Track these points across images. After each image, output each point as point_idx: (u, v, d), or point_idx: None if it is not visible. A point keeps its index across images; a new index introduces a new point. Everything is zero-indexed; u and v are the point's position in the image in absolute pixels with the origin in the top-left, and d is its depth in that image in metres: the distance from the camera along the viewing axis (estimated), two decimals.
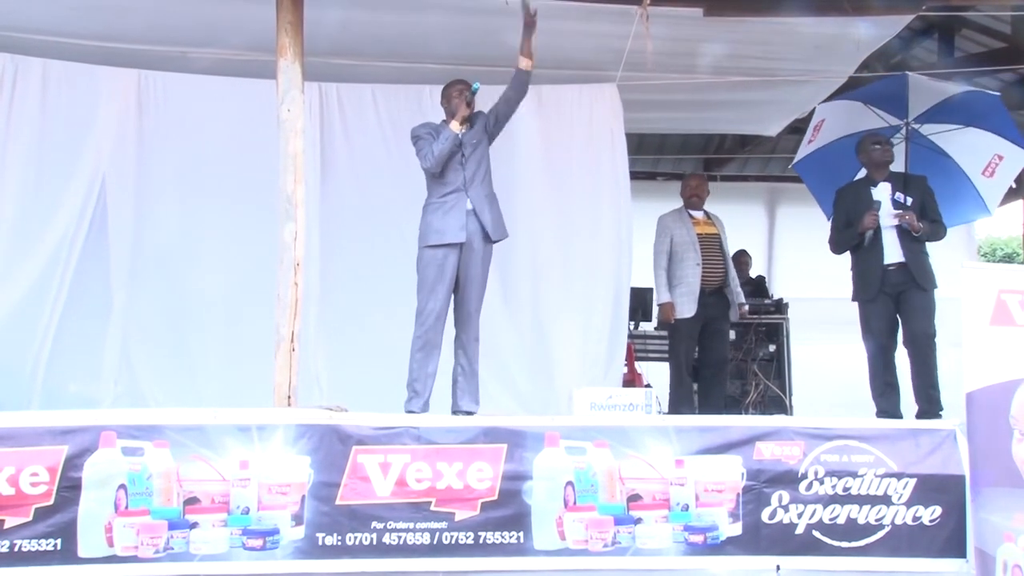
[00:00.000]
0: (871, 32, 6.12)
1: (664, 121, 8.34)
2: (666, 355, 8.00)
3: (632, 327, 7.97)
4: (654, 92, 6.74)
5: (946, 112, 6.50)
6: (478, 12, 5.70)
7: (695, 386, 7.67)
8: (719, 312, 6.70)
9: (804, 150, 6.96)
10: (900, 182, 6.06)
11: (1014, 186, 6.97)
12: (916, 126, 6.49)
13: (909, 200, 5.99)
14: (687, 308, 6.54)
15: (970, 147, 6.58)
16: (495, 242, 5.46)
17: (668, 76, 6.53)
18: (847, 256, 6.32)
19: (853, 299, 6.14)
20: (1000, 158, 6.58)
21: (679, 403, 6.58)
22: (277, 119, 5.05)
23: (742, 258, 9.46)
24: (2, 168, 6.13)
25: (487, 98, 5.52)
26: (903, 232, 5.95)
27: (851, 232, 6.04)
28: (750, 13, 5.81)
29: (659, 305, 6.69)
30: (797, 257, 9.83)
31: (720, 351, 6.79)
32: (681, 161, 11.11)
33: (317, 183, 6.33)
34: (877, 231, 5.94)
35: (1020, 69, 7.18)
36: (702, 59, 6.39)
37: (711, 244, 6.71)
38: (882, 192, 6.01)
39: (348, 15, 5.79)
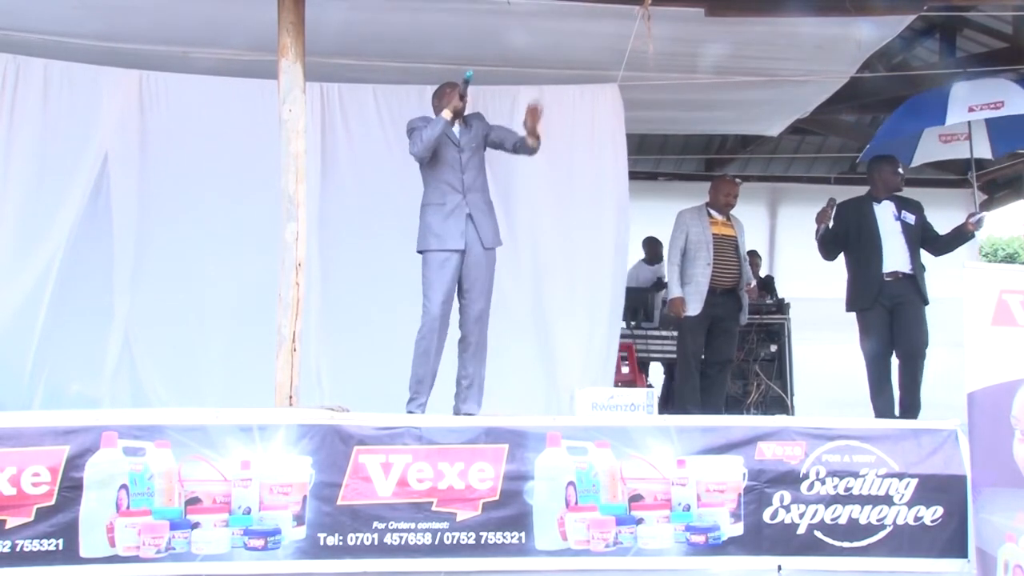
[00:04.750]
0: (873, 32, 6.12)
1: (666, 121, 8.34)
2: (667, 355, 8.04)
3: (633, 326, 7.98)
4: (656, 92, 6.74)
5: None
6: (480, 12, 5.70)
7: None
8: (727, 312, 6.70)
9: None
10: (900, 202, 6.30)
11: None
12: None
13: (912, 218, 6.25)
14: (693, 306, 6.56)
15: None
16: (492, 250, 5.46)
17: (670, 76, 6.53)
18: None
19: (849, 309, 6.35)
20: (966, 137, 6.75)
21: (685, 399, 6.59)
22: (279, 119, 5.05)
23: (752, 259, 9.47)
24: (5, 169, 6.14)
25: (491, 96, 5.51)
26: (911, 244, 6.17)
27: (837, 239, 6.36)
28: (752, 13, 5.80)
29: (669, 300, 6.69)
30: (799, 257, 9.80)
31: (726, 351, 6.79)
32: (683, 161, 11.11)
33: (318, 183, 6.33)
34: (877, 241, 6.15)
35: (1021, 69, 7.17)
36: (704, 59, 6.39)
37: (726, 245, 6.70)
38: (885, 209, 6.26)
39: (350, 15, 5.79)
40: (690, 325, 6.63)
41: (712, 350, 6.74)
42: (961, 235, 6.40)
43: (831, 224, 6.43)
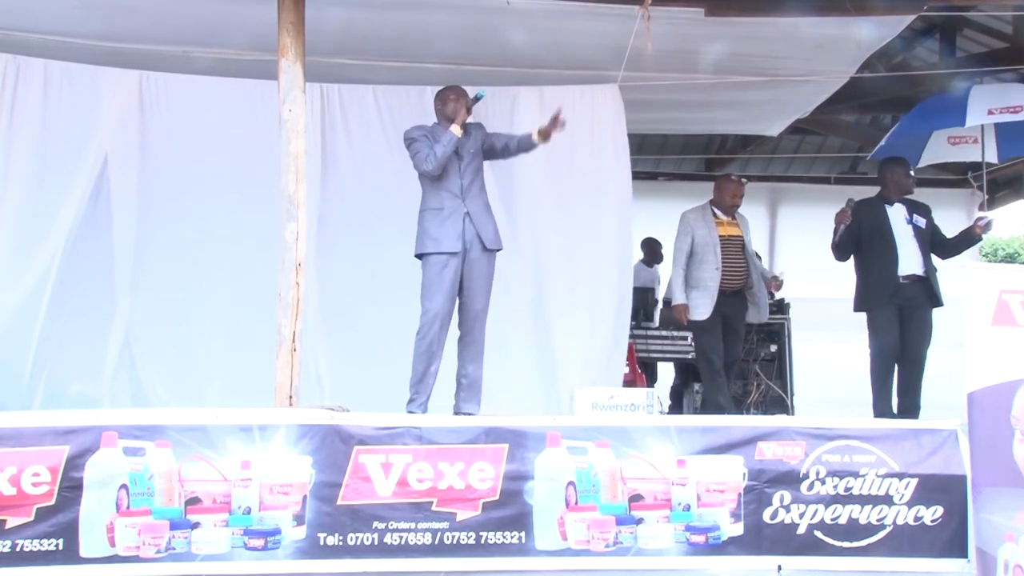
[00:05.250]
0: (873, 32, 6.12)
1: (666, 121, 8.34)
2: (668, 355, 8.03)
3: (633, 326, 7.97)
4: (656, 92, 6.73)
5: None
6: (479, 12, 5.70)
7: (697, 386, 7.70)
8: (735, 312, 6.64)
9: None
10: (910, 205, 6.34)
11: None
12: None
13: (923, 222, 6.30)
14: (703, 311, 6.48)
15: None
16: (493, 251, 5.47)
17: (670, 76, 6.53)
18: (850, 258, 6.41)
19: (858, 309, 6.34)
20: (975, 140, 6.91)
21: (716, 399, 6.51)
22: (279, 119, 5.05)
23: None
24: (5, 169, 6.14)
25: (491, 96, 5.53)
26: (923, 246, 6.22)
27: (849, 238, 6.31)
28: (752, 13, 5.80)
29: (673, 306, 6.61)
30: (798, 257, 9.81)
31: (732, 351, 6.72)
32: (683, 161, 11.11)
33: (318, 183, 6.33)
34: (893, 244, 6.17)
35: (1021, 69, 7.18)
36: (704, 59, 6.39)
37: (733, 246, 6.61)
38: (897, 212, 6.29)
39: (350, 15, 5.79)
40: (704, 326, 6.55)
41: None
42: (969, 238, 6.43)
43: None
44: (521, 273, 6.45)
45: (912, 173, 6.50)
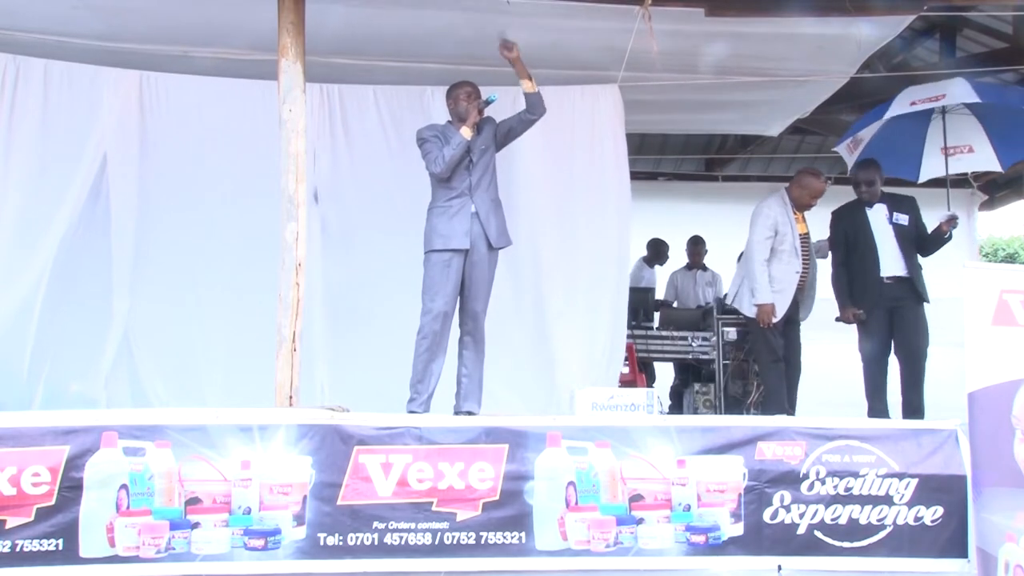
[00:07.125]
0: (873, 32, 6.12)
1: (666, 121, 8.34)
2: (668, 355, 8.03)
3: (633, 326, 7.97)
4: (656, 92, 6.73)
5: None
6: (480, 12, 5.70)
7: (697, 386, 7.69)
8: (794, 308, 6.50)
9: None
10: (893, 202, 6.38)
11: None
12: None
13: (905, 219, 6.33)
14: (777, 313, 6.33)
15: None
16: (498, 250, 5.47)
17: (670, 76, 6.53)
18: None
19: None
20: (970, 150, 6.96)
21: (780, 403, 6.35)
22: (279, 119, 5.06)
23: None
24: (5, 169, 6.14)
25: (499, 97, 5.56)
26: (905, 246, 6.26)
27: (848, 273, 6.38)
28: (752, 13, 5.80)
29: (760, 305, 6.35)
30: None
31: (799, 346, 6.58)
32: (683, 161, 11.11)
33: (318, 184, 6.33)
34: (874, 247, 6.26)
35: (1021, 69, 7.18)
36: (704, 59, 6.39)
37: (805, 245, 6.49)
38: (878, 213, 6.35)
39: (350, 15, 5.78)
40: (774, 328, 6.38)
41: (786, 349, 6.52)
42: (939, 237, 6.44)
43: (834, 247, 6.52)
44: (521, 273, 6.46)
45: (881, 176, 6.43)
